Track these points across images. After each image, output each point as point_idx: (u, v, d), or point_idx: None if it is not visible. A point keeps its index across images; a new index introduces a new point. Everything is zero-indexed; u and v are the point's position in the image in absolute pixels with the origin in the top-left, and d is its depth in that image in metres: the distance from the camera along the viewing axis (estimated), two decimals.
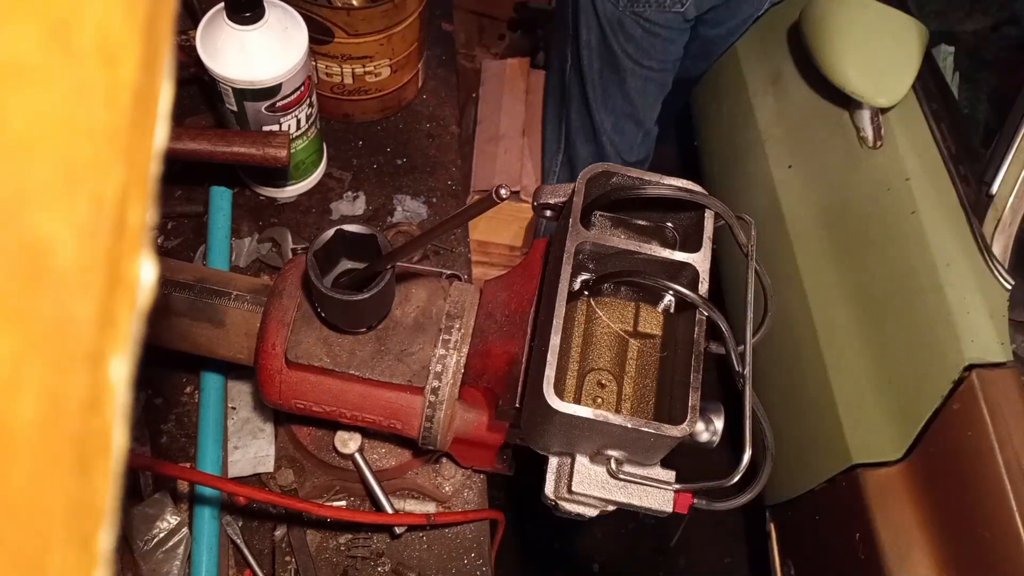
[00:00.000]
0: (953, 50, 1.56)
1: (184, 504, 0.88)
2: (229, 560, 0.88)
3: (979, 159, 1.33)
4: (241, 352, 0.76)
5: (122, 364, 0.19)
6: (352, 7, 1.05)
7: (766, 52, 1.88)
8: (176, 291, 0.74)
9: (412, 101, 1.24)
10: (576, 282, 0.65)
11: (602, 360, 0.69)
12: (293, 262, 0.75)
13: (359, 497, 0.93)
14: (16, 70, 0.16)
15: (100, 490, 0.19)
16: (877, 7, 1.47)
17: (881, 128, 1.53)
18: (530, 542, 2.03)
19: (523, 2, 2.41)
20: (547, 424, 0.58)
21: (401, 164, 1.18)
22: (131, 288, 0.19)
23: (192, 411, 0.95)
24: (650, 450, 0.59)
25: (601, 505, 0.63)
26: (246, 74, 0.89)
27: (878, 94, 1.45)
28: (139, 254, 0.20)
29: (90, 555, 0.19)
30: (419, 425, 0.72)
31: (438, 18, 1.35)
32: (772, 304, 0.65)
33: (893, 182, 1.46)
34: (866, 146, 1.54)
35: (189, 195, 1.08)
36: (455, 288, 0.75)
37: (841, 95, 1.58)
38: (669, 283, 0.61)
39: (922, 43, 1.44)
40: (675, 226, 0.70)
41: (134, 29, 0.19)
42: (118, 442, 0.19)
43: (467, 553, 0.93)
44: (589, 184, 0.64)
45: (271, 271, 1.05)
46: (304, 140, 1.03)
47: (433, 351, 0.71)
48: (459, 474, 0.93)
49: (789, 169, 1.73)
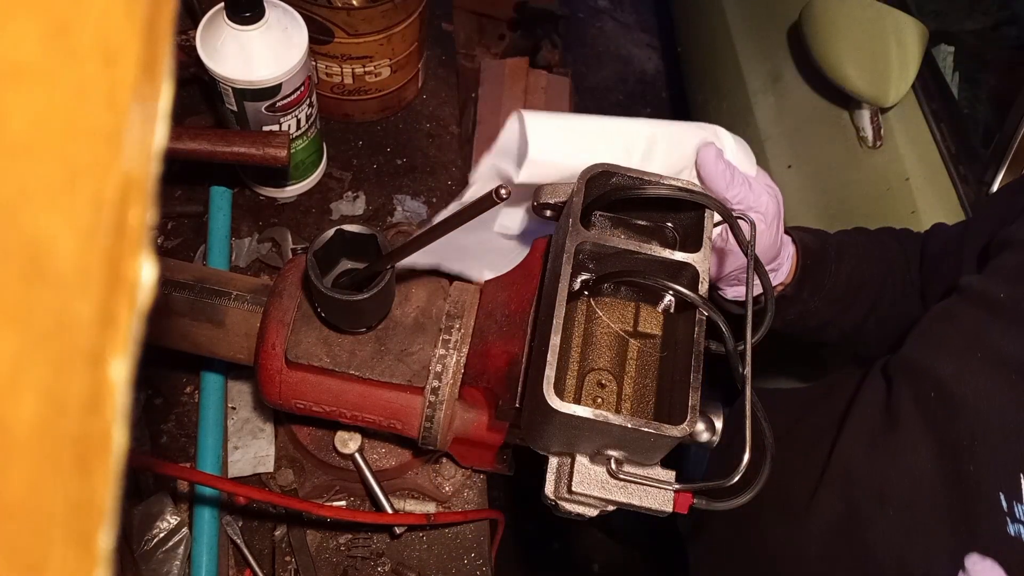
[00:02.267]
0: (953, 50, 1.56)
1: (184, 504, 0.88)
2: (229, 560, 0.88)
3: (979, 159, 1.33)
4: (241, 352, 0.76)
5: (122, 364, 0.19)
6: (352, 7, 1.05)
7: (766, 52, 1.88)
8: (176, 291, 0.74)
9: (412, 101, 1.24)
10: (576, 282, 0.65)
11: (602, 360, 0.69)
12: (293, 262, 0.75)
13: (359, 497, 0.93)
14: (16, 70, 0.16)
15: (100, 490, 0.19)
16: (877, 7, 1.47)
17: (881, 128, 1.53)
18: (530, 542, 2.03)
19: (523, 2, 2.41)
20: (547, 424, 0.58)
21: (401, 164, 1.18)
22: (131, 288, 0.19)
23: (192, 411, 0.95)
24: (650, 450, 0.59)
25: (601, 505, 0.63)
26: (246, 74, 0.89)
27: (878, 94, 1.45)
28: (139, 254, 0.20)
29: (90, 555, 0.19)
30: (419, 425, 0.72)
31: (438, 18, 1.35)
32: (772, 304, 0.65)
33: (893, 182, 1.46)
34: (866, 146, 1.54)
35: (189, 195, 1.08)
36: (455, 288, 0.75)
37: (841, 95, 1.59)
38: (669, 283, 0.61)
39: (922, 43, 1.44)
40: (675, 226, 0.70)
41: (134, 29, 0.19)
42: (118, 442, 0.19)
43: (467, 553, 0.93)
44: (589, 184, 0.64)
45: (271, 271, 1.05)
46: (304, 140, 1.03)
47: (433, 351, 0.71)
48: (459, 474, 0.93)
49: (789, 169, 1.73)
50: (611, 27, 3.22)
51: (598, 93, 3.02)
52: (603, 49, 3.14)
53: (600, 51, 3.13)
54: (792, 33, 1.77)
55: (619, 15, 3.26)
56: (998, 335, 0.69)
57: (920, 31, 1.44)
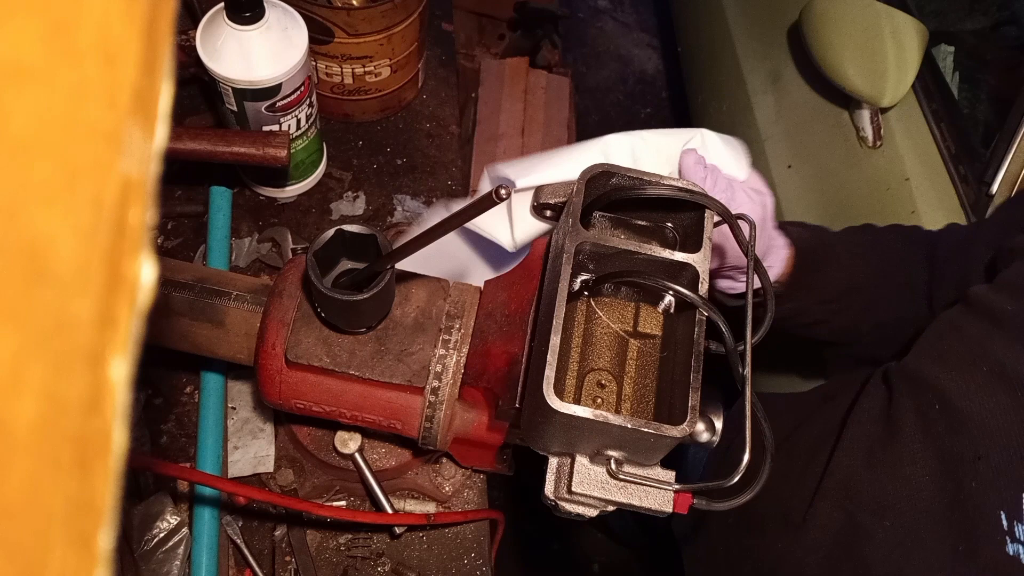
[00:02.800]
0: (953, 50, 1.56)
1: (184, 504, 0.88)
2: (229, 560, 0.88)
3: (979, 159, 1.33)
4: (241, 352, 0.76)
5: (122, 364, 0.19)
6: (352, 7, 1.05)
7: (766, 52, 1.88)
8: (176, 291, 0.74)
9: (412, 101, 1.24)
10: (576, 282, 0.65)
11: (602, 360, 0.69)
12: (293, 262, 0.75)
13: (359, 497, 0.93)
14: (16, 70, 0.16)
15: (100, 490, 0.19)
16: (877, 7, 1.47)
17: (881, 128, 1.53)
18: (530, 542, 2.03)
19: (523, 2, 2.41)
20: (547, 424, 0.58)
21: (401, 164, 1.18)
22: (131, 288, 0.19)
23: (192, 411, 0.95)
24: (650, 450, 0.59)
25: (601, 505, 0.63)
26: (246, 74, 0.89)
27: (878, 94, 1.45)
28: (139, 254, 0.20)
29: (90, 555, 0.19)
30: (419, 425, 0.72)
31: (438, 18, 1.35)
32: (772, 304, 0.65)
33: (893, 182, 1.46)
34: (866, 146, 1.54)
35: (189, 195, 1.08)
36: (455, 288, 0.75)
37: (841, 95, 1.58)
38: (669, 283, 0.61)
39: (922, 43, 1.44)
40: (675, 226, 0.70)
41: (134, 29, 0.19)
42: (118, 442, 0.19)
43: (467, 553, 0.93)
44: (589, 184, 0.64)
45: (271, 271, 1.05)
46: (304, 140, 1.03)
47: (433, 351, 0.71)
48: (459, 474, 0.93)
49: (789, 169, 1.73)
50: (611, 27, 3.22)
51: (598, 93, 3.02)
52: (603, 49, 3.14)
53: (600, 51, 3.13)
54: (792, 33, 1.77)
55: (619, 15, 3.26)
56: (1004, 349, 0.68)
57: (920, 31, 1.44)
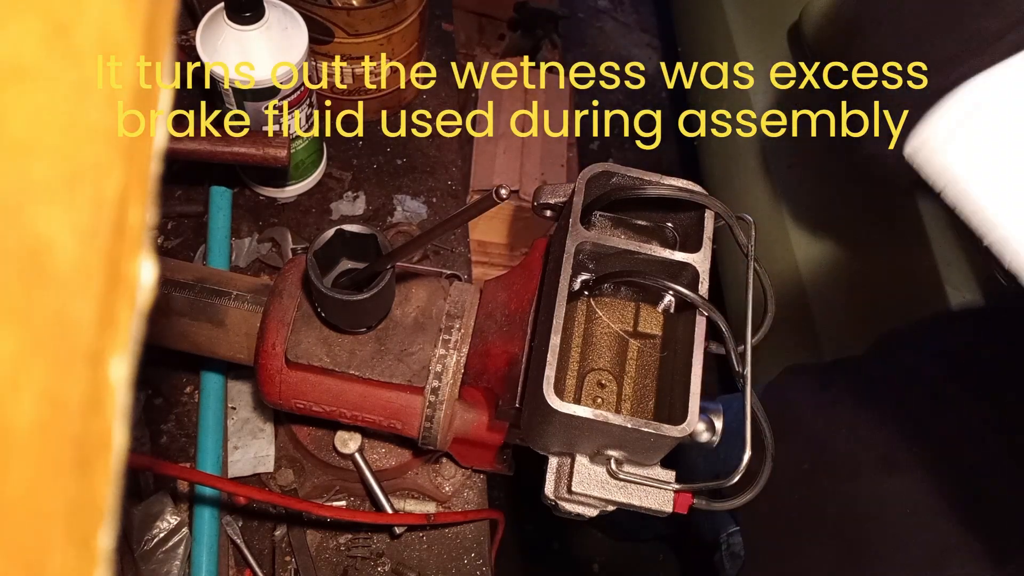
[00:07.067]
0: None
1: (184, 504, 0.88)
2: (229, 560, 0.88)
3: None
4: (241, 352, 0.76)
5: (122, 364, 0.19)
6: (352, 7, 1.05)
7: (766, 52, 1.88)
8: (176, 291, 0.74)
9: (412, 101, 1.24)
10: (576, 282, 0.65)
11: (602, 360, 0.69)
12: (293, 262, 0.75)
13: (359, 497, 0.93)
14: (16, 70, 0.16)
15: (100, 490, 0.19)
16: None
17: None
18: (530, 542, 2.03)
19: (523, 2, 2.41)
20: (547, 424, 0.58)
21: (401, 164, 1.18)
22: (131, 288, 0.19)
23: (192, 411, 0.95)
24: (650, 450, 0.59)
25: (601, 505, 0.63)
26: (246, 74, 0.89)
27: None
28: (139, 254, 0.20)
29: (90, 555, 0.19)
30: (419, 425, 0.72)
31: (438, 18, 1.35)
32: (772, 304, 0.65)
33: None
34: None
35: (189, 195, 1.08)
36: (455, 288, 0.75)
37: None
38: (669, 283, 0.61)
39: None
40: (675, 226, 0.70)
41: (134, 29, 0.19)
42: (118, 442, 0.19)
43: (467, 553, 0.93)
44: (589, 184, 0.64)
45: (271, 271, 1.05)
46: (304, 140, 1.03)
47: (433, 351, 0.71)
48: (459, 474, 0.93)
49: (789, 169, 1.73)
50: (611, 27, 3.21)
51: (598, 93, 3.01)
52: (603, 49, 3.14)
53: (600, 51, 3.13)
54: (792, 33, 1.77)
55: (619, 15, 3.26)
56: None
57: None
